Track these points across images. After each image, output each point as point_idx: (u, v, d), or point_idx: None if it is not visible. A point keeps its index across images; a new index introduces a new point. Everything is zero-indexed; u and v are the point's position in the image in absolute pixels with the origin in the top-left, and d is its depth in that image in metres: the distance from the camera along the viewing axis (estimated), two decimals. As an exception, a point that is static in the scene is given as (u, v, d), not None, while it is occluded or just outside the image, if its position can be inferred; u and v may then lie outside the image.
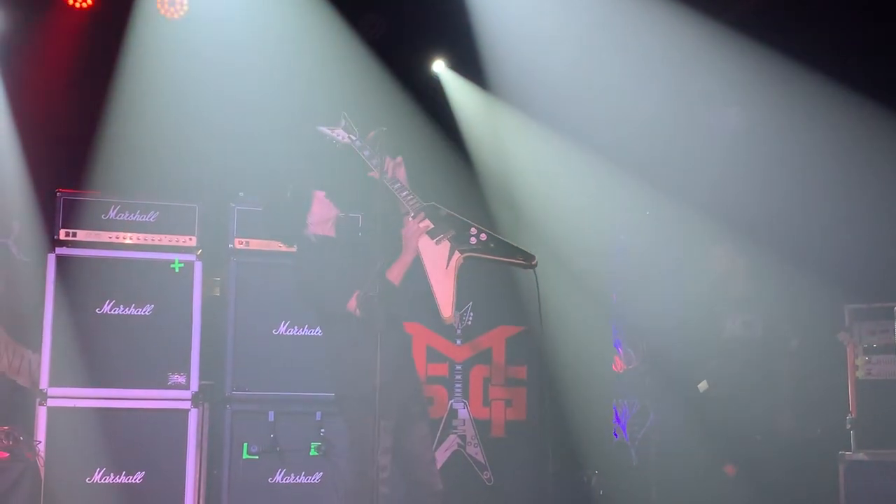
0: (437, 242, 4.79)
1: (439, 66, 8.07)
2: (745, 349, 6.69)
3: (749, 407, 6.62)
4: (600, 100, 7.31)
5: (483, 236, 4.79)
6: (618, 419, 7.88)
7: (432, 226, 4.82)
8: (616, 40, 7.17)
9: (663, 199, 7.47)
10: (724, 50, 6.87)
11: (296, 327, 6.14)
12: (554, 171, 7.69)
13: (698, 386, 6.80)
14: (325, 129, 4.95)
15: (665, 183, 7.40)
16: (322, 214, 5.08)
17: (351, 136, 4.89)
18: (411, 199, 4.85)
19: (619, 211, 7.97)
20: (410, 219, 4.83)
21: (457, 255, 4.75)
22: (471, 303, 7.24)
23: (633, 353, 7.94)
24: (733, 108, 7.58)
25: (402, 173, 4.93)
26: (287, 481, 5.98)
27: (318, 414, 6.03)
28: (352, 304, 4.78)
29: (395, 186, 4.86)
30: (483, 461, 7.04)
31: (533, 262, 4.79)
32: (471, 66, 7.77)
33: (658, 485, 7.44)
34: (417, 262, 4.87)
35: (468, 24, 7.51)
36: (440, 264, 4.76)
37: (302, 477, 6.02)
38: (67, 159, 6.75)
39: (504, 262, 4.82)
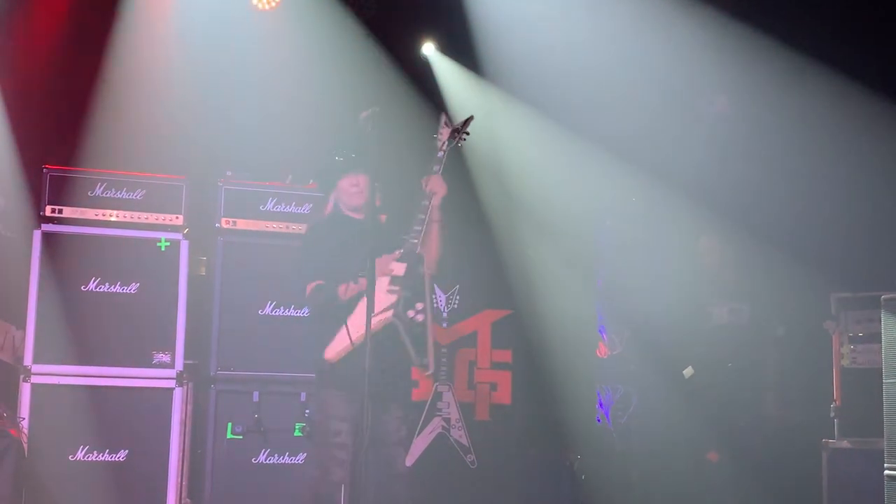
0: (387, 291, 4.89)
1: (429, 49, 8.05)
2: (731, 336, 6.71)
3: (734, 394, 6.65)
4: (590, 84, 7.30)
5: (420, 317, 4.90)
6: (601, 404, 7.90)
7: (396, 274, 4.92)
8: (606, 24, 7.17)
9: (651, 185, 7.47)
10: (713, 35, 6.87)
11: (282, 307, 6.12)
12: (543, 155, 7.70)
13: (683, 372, 6.83)
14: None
15: (653, 169, 7.41)
16: (352, 190, 5.19)
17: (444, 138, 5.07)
18: (418, 229, 4.97)
19: (605, 196, 7.98)
20: (398, 251, 4.96)
21: (388, 314, 4.86)
22: (457, 286, 7.24)
23: (618, 338, 7.96)
24: (721, 96, 7.60)
25: (436, 199, 5.05)
26: (271, 461, 5.97)
27: (303, 395, 6.01)
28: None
29: (423, 205, 5.00)
30: (467, 444, 7.05)
31: (427, 373, 5.03)
32: (460, 48, 7.76)
33: (640, 470, 7.47)
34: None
35: (458, 6, 7.50)
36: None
37: (286, 457, 6.01)
38: (55, 135, 6.70)
39: (407, 348, 4.87)
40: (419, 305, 4.92)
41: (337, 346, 4.96)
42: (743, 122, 7.41)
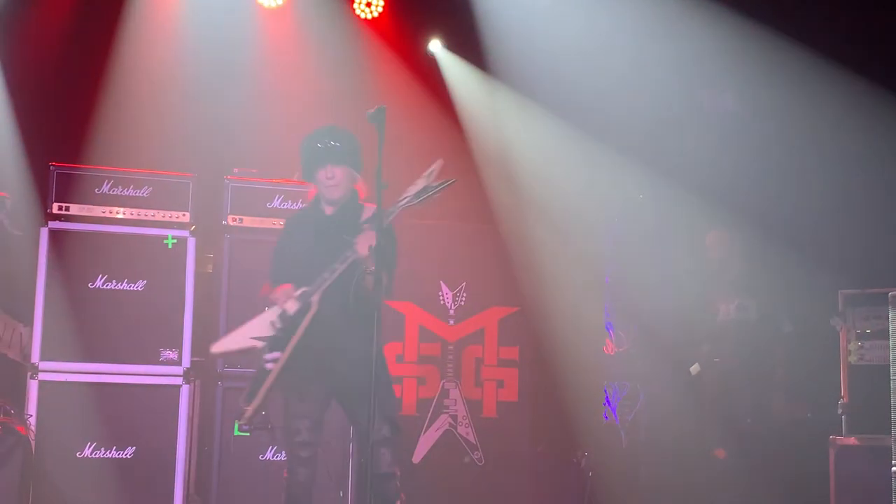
0: (271, 322, 4.81)
1: (436, 46, 8.05)
2: (739, 333, 6.70)
3: (741, 391, 6.64)
4: (597, 80, 7.29)
5: (269, 365, 4.75)
6: (608, 401, 7.89)
7: (295, 308, 4.79)
8: (614, 20, 7.15)
9: (659, 182, 7.46)
10: (723, 31, 6.85)
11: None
12: (551, 152, 7.69)
13: (690, 369, 6.82)
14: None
15: (661, 166, 7.40)
16: (327, 182, 4.96)
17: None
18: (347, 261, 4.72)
19: (613, 193, 7.97)
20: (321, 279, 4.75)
21: (256, 343, 4.82)
22: (464, 283, 7.23)
23: (625, 335, 7.95)
24: (729, 91, 7.58)
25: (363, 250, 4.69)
26: (278, 458, 5.97)
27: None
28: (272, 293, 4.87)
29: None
30: (474, 441, 7.05)
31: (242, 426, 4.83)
32: (467, 45, 7.76)
33: (647, 466, 7.47)
34: (407, 241, 4.93)
35: (464, 2, 7.50)
36: (261, 329, 4.84)
37: (293, 454, 6.01)
38: (61, 133, 6.72)
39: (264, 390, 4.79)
40: (275, 355, 4.75)
41: (227, 344, 5.03)
42: (753, 118, 7.39)
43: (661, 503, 7.05)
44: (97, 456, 5.73)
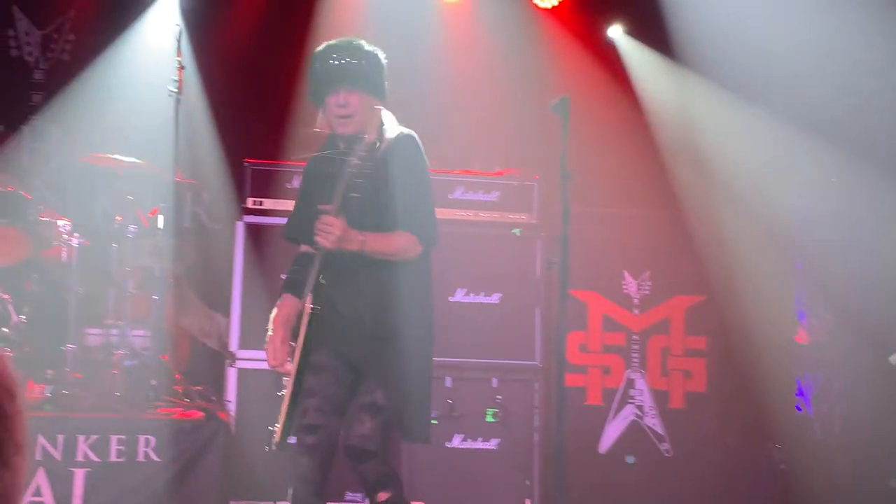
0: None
1: (616, 32, 7.96)
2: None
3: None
4: (787, 62, 7.05)
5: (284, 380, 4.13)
6: (801, 392, 7.64)
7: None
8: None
9: (851, 164, 7.16)
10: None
11: (472, 294, 6.19)
12: (739, 137, 7.49)
13: (890, 358, 6.52)
14: None
15: (853, 148, 7.10)
16: (337, 111, 4.01)
17: None
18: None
19: (804, 177, 7.70)
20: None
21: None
22: (648, 272, 7.12)
23: (818, 324, 7.67)
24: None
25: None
26: (464, 446, 6.05)
27: (494, 380, 6.07)
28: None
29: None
30: (661, 432, 6.95)
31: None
32: (650, 30, 7.63)
33: (843, 460, 7.19)
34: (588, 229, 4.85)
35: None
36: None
37: (479, 442, 6.08)
38: (255, 130, 6.97)
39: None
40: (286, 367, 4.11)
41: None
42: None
43: (858, 500, 6.78)
44: (293, 442, 5.92)
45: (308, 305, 4.07)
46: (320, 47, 4.08)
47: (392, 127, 4.12)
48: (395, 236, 4.05)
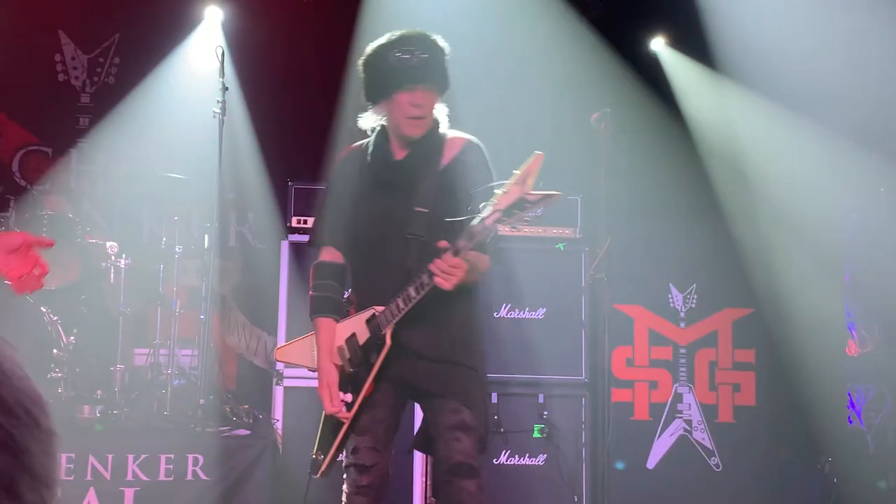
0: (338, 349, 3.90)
1: (658, 44, 7.93)
2: None
3: None
4: (833, 73, 6.98)
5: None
6: (852, 405, 7.53)
7: (365, 337, 3.80)
8: (849, 4, 6.83)
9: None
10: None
11: (516, 310, 6.18)
12: (784, 148, 7.42)
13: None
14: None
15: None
16: (411, 111, 3.67)
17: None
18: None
19: (851, 188, 7.61)
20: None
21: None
22: (694, 285, 7.07)
23: (868, 336, 7.57)
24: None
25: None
26: (511, 462, 6.03)
27: (541, 396, 6.05)
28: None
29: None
30: (711, 447, 6.88)
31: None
32: (692, 42, 7.60)
33: (897, 474, 7.08)
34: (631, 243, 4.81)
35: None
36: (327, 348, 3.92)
37: (526, 458, 6.06)
38: (299, 149, 7.02)
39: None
40: (345, 396, 3.82)
41: (296, 351, 4.19)
42: None
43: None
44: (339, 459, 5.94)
45: (388, 340, 3.70)
46: (387, 38, 3.70)
47: (451, 130, 3.87)
48: (482, 257, 3.69)
